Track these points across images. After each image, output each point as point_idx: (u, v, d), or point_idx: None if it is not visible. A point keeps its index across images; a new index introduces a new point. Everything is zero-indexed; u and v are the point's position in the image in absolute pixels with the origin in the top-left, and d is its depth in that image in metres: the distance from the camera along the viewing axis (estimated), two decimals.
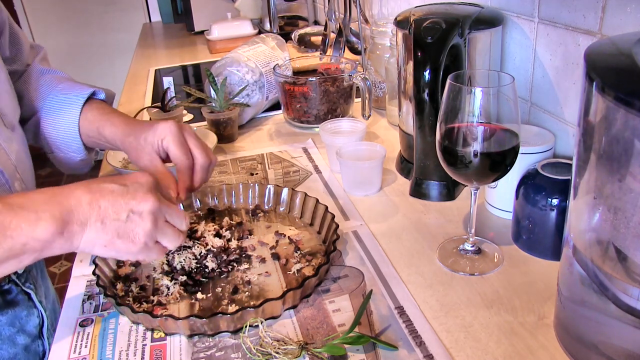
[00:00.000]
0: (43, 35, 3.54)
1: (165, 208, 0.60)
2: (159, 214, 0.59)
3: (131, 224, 0.57)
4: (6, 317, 0.76)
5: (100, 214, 0.56)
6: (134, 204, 0.57)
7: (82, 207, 0.56)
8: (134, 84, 1.65)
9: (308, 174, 0.96)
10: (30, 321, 0.80)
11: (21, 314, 0.78)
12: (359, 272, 0.69)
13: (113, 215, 0.56)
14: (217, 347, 0.59)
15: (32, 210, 0.54)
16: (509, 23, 0.87)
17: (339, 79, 1.11)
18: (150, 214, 0.58)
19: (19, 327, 0.78)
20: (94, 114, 0.84)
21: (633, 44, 0.45)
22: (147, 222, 0.58)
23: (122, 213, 0.57)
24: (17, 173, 0.75)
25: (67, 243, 0.55)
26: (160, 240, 0.60)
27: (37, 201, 0.55)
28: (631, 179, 0.41)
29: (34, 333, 0.80)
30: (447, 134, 0.63)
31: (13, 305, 0.77)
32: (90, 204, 0.56)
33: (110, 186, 0.58)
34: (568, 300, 0.53)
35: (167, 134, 0.73)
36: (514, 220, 0.72)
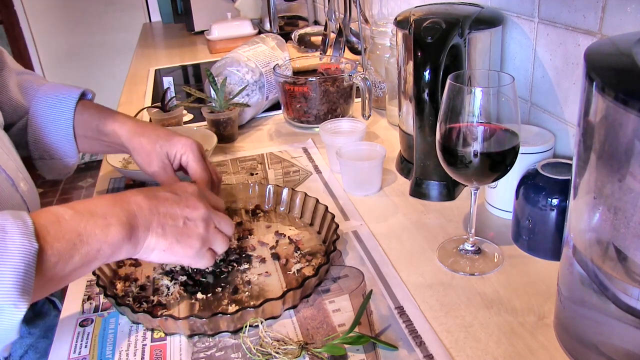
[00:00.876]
0: (43, 35, 3.54)
1: (214, 215, 0.63)
2: (210, 221, 0.62)
3: (187, 229, 0.59)
4: (38, 330, 0.76)
5: (160, 220, 0.58)
6: (188, 211, 0.60)
7: (144, 213, 0.57)
8: (134, 84, 1.65)
9: (308, 174, 0.96)
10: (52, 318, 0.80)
11: (52, 325, 0.78)
12: (359, 272, 0.69)
13: (171, 222, 0.59)
14: (217, 347, 0.59)
15: (101, 216, 0.54)
16: (509, 23, 0.87)
17: (339, 79, 1.11)
18: (202, 221, 0.61)
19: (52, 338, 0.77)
20: (91, 113, 0.82)
21: (633, 44, 0.45)
22: (201, 228, 0.60)
23: (179, 219, 0.59)
24: (19, 173, 0.75)
25: (132, 248, 0.57)
26: (211, 245, 0.63)
27: (103, 207, 0.56)
28: (631, 179, 0.41)
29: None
30: (447, 134, 0.63)
31: (42, 316, 0.77)
32: (151, 210, 0.58)
33: (164, 194, 0.60)
34: (568, 300, 0.53)
35: (188, 151, 0.75)
36: (514, 220, 0.72)
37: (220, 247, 0.64)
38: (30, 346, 0.74)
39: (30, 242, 0.48)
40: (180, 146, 0.76)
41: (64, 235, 0.51)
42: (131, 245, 0.56)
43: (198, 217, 0.60)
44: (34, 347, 0.74)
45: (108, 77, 3.66)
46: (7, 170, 0.71)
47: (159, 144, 0.76)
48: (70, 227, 0.52)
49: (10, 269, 0.46)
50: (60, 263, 0.51)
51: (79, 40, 3.61)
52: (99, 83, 3.69)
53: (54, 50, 3.57)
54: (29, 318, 0.74)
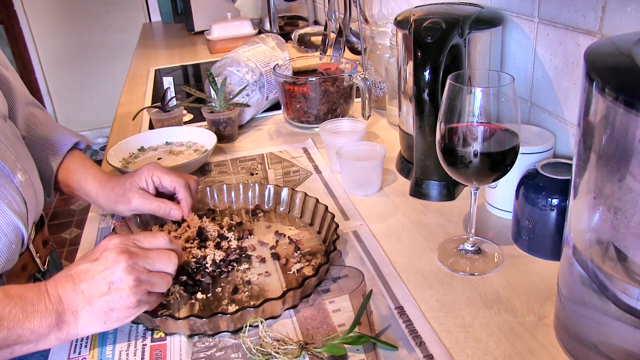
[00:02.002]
0: (43, 35, 3.54)
1: (141, 260, 0.60)
2: (138, 268, 0.59)
3: (117, 292, 0.57)
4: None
5: (85, 297, 0.57)
6: (109, 273, 0.58)
7: (67, 295, 0.57)
8: (134, 84, 1.65)
9: (308, 174, 0.96)
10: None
11: None
12: (359, 272, 0.69)
13: (96, 294, 0.57)
14: (217, 347, 0.59)
15: (30, 301, 0.55)
16: (509, 23, 0.87)
17: (339, 79, 1.11)
18: (128, 274, 0.58)
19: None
20: (76, 166, 0.87)
21: (633, 44, 0.45)
22: (129, 281, 0.58)
23: (103, 287, 0.57)
24: (18, 163, 0.76)
25: (63, 334, 0.56)
26: (149, 289, 0.60)
27: (33, 292, 0.56)
28: (631, 179, 0.41)
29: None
30: (447, 134, 0.63)
31: None
32: (74, 290, 0.57)
33: (83, 267, 0.59)
34: (568, 300, 0.53)
35: (154, 171, 0.80)
36: (514, 220, 0.72)
37: (161, 287, 0.61)
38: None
39: None
40: (145, 172, 0.80)
41: None
42: (61, 331, 0.56)
43: (122, 273, 0.57)
44: None
45: (108, 77, 3.66)
46: (4, 161, 0.72)
47: (128, 181, 0.80)
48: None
49: None
50: None
51: (79, 40, 3.61)
52: (99, 83, 3.69)
53: (54, 50, 3.57)
54: None
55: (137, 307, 0.59)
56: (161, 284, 0.61)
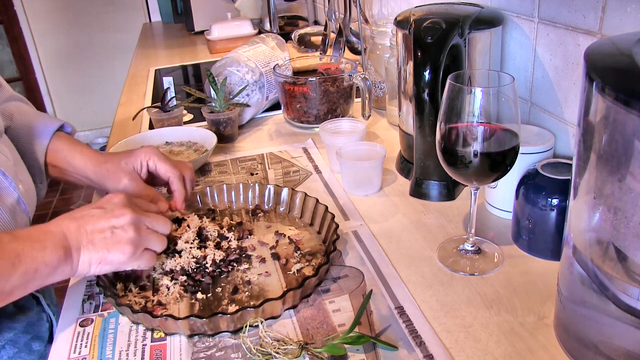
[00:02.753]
0: (43, 35, 3.54)
1: (143, 218, 0.65)
2: (139, 223, 0.65)
3: (116, 237, 0.62)
4: (20, 325, 0.76)
5: (89, 237, 0.62)
6: (114, 220, 0.63)
7: (72, 234, 0.62)
8: (134, 84, 1.65)
9: (308, 174, 0.96)
10: (42, 326, 0.80)
11: (33, 320, 0.78)
12: (359, 272, 0.69)
13: (99, 235, 0.62)
14: (217, 347, 0.59)
15: (37, 240, 0.59)
16: (509, 23, 0.87)
17: (339, 79, 1.11)
18: (130, 225, 0.63)
19: (33, 333, 0.78)
20: (62, 144, 0.86)
21: (633, 44, 0.45)
22: (130, 232, 0.63)
23: (107, 231, 0.63)
24: (18, 174, 0.75)
25: (67, 267, 0.61)
26: (147, 246, 0.65)
27: (37, 232, 0.60)
28: (631, 179, 0.41)
29: (45, 338, 0.80)
30: (447, 134, 0.63)
31: (24, 311, 0.77)
32: (79, 230, 0.62)
33: (90, 212, 0.64)
34: (568, 300, 0.53)
35: (152, 155, 0.80)
36: (514, 220, 0.72)
37: (157, 246, 0.66)
38: (8, 341, 0.74)
39: None
40: (142, 155, 0.80)
41: (3, 255, 0.56)
42: (67, 265, 0.60)
43: (125, 223, 0.63)
44: (13, 341, 0.74)
45: (108, 77, 3.66)
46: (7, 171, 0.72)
47: (123, 161, 0.81)
48: (9, 248, 0.57)
49: None
50: (1, 280, 0.56)
51: (79, 40, 3.61)
52: (99, 83, 3.70)
53: (54, 50, 3.58)
54: (10, 312, 0.75)
55: (131, 259, 0.63)
56: (157, 243, 0.66)
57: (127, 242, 0.63)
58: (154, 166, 0.80)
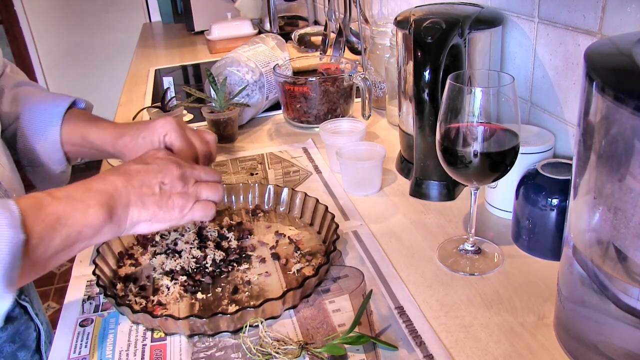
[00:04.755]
0: (43, 35, 3.53)
1: (189, 170, 0.64)
2: (186, 177, 0.63)
3: (165, 193, 0.61)
4: (6, 334, 0.75)
5: (137, 193, 0.59)
6: (161, 176, 0.61)
7: (119, 190, 0.59)
8: (134, 84, 1.65)
9: (308, 174, 0.96)
10: (29, 336, 0.79)
11: (20, 329, 0.77)
12: (359, 272, 0.69)
13: (148, 191, 0.60)
14: (217, 347, 0.59)
15: (79, 200, 0.56)
16: (509, 23, 0.87)
17: (339, 79, 1.11)
18: (179, 179, 0.62)
19: (20, 342, 0.77)
20: (77, 121, 0.82)
21: (633, 44, 0.45)
22: (178, 186, 0.62)
23: (155, 187, 0.61)
24: (13, 185, 0.74)
25: (115, 226, 0.58)
26: (199, 197, 0.63)
27: (79, 191, 0.57)
28: (631, 179, 0.41)
29: (32, 347, 0.79)
30: (447, 134, 0.63)
31: (11, 321, 0.76)
32: (125, 187, 0.59)
33: (135, 167, 0.62)
34: (568, 300, 0.53)
35: (169, 130, 0.75)
36: (514, 220, 0.72)
37: (212, 195, 0.64)
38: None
39: (17, 233, 0.49)
40: (160, 129, 0.75)
41: (44, 219, 0.52)
42: (113, 224, 0.58)
43: (173, 177, 0.62)
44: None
45: (108, 77, 3.66)
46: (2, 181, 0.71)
47: (141, 136, 0.76)
48: (49, 211, 0.53)
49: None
50: (41, 246, 0.52)
51: (79, 40, 3.60)
52: (99, 83, 3.69)
53: (54, 50, 3.57)
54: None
55: (182, 213, 0.62)
56: (211, 192, 0.64)
57: (178, 197, 0.61)
58: (170, 142, 0.75)
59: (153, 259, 0.72)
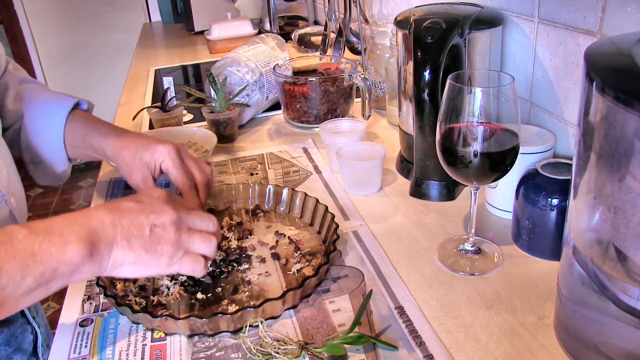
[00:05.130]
0: (43, 35, 3.54)
1: (185, 216, 0.59)
2: (181, 223, 0.58)
3: (155, 237, 0.56)
4: (2, 337, 0.74)
5: (124, 232, 0.55)
6: (154, 218, 0.57)
7: (105, 227, 0.55)
8: (134, 84, 1.65)
9: (308, 174, 0.96)
10: (25, 339, 0.78)
11: (16, 332, 0.76)
12: (359, 272, 0.69)
13: (137, 232, 0.56)
14: (217, 347, 0.59)
15: (58, 234, 0.52)
16: (509, 23, 0.87)
17: (339, 79, 1.11)
18: (172, 225, 0.57)
19: (16, 346, 0.76)
20: (80, 123, 0.83)
21: (633, 44, 0.45)
22: (170, 232, 0.57)
23: (145, 228, 0.56)
24: (11, 188, 0.74)
25: (96, 266, 0.54)
26: (190, 248, 0.59)
27: (61, 225, 0.53)
28: (631, 179, 0.41)
29: (28, 351, 0.78)
30: (447, 134, 0.63)
31: (7, 324, 0.75)
32: (113, 224, 0.55)
33: (127, 204, 0.58)
34: (568, 300, 0.53)
35: (165, 158, 0.74)
36: (514, 220, 0.72)
37: (203, 248, 0.60)
38: None
39: None
40: (158, 154, 0.75)
41: (16, 256, 0.49)
42: (94, 262, 0.53)
43: (166, 221, 0.57)
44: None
45: (108, 77, 3.66)
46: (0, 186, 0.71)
47: (139, 155, 0.75)
48: (23, 246, 0.50)
49: None
50: (11, 285, 0.49)
51: (79, 40, 3.61)
52: (99, 83, 3.69)
53: (54, 50, 3.57)
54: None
55: (170, 262, 0.57)
56: (202, 244, 0.60)
57: (167, 243, 0.57)
58: (166, 169, 0.75)
59: None
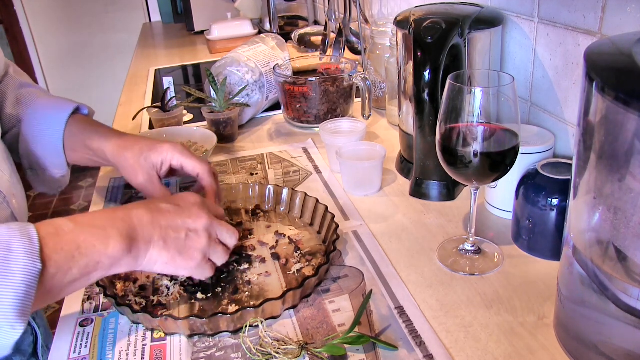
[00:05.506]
0: (43, 35, 3.54)
1: (217, 225, 0.63)
2: (212, 231, 0.62)
3: (190, 241, 0.59)
4: None
5: (162, 233, 0.58)
6: (190, 222, 0.60)
7: (144, 226, 0.57)
8: (134, 84, 1.65)
9: (308, 174, 0.96)
10: (25, 340, 0.78)
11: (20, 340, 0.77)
12: (359, 272, 0.69)
13: (173, 234, 0.59)
14: (217, 347, 0.59)
15: (101, 228, 0.55)
16: (509, 23, 0.87)
17: (339, 79, 1.11)
18: (205, 231, 0.61)
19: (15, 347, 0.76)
20: (80, 127, 0.82)
21: (633, 44, 0.45)
22: (204, 239, 0.60)
23: (182, 232, 0.59)
24: (12, 189, 0.74)
25: (133, 261, 0.57)
26: (210, 257, 0.62)
27: (103, 219, 0.56)
28: (631, 179, 0.41)
29: (28, 352, 0.78)
30: (447, 134, 0.63)
31: None
32: (152, 223, 0.58)
33: (166, 206, 0.60)
34: (568, 300, 0.53)
35: (174, 154, 0.75)
36: (514, 220, 0.72)
37: (220, 260, 0.64)
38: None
39: (34, 263, 0.48)
40: (165, 153, 0.75)
41: (63, 247, 0.51)
42: (131, 258, 0.56)
43: (201, 227, 0.60)
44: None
45: (108, 77, 3.66)
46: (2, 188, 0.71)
47: (143, 156, 0.76)
48: (69, 239, 0.52)
49: (11, 290, 0.46)
50: (59, 275, 0.51)
51: (79, 40, 3.61)
52: (99, 83, 3.69)
53: (54, 50, 3.58)
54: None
55: (197, 266, 0.61)
56: (221, 257, 0.63)
57: (199, 250, 0.60)
58: (179, 164, 0.75)
59: None
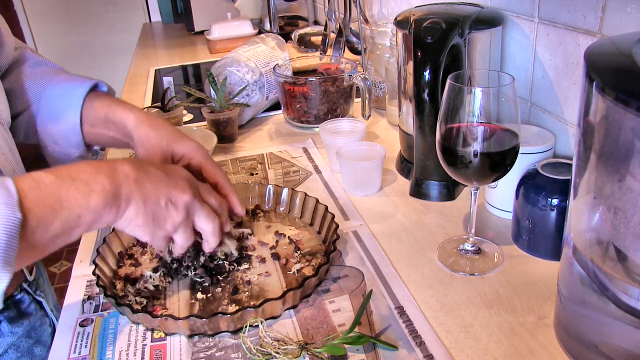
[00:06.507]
0: (43, 35, 3.54)
1: (198, 206, 0.61)
2: (192, 210, 0.60)
3: (166, 212, 0.58)
4: (22, 329, 0.75)
5: (144, 194, 0.56)
6: (174, 194, 0.58)
7: (129, 183, 0.56)
8: (134, 84, 1.65)
9: (308, 174, 0.96)
10: (44, 331, 0.78)
11: (35, 324, 0.77)
12: (359, 272, 0.69)
13: (154, 199, 0.57)
14: (217, 347, 0.59)
15: (84, 182, 0.53)
16: (509, 23, 0.87)
17: (339, 79, 1.11)
18: (184, 208, 0.59)
19: (35, 338, 0.76)
20: (102, 102, 0.79)
21: (633, 44, 0.45)
22: (181, 214, 0.59)
23: (162, 199, 0.57)
24: (15, 174, 0.74)
25: (111, 217, 0.55)
26: (175, 236, 0.61)
27: (86, 172, 0.54)
28: (631, 179, 0.41)
29: (47, 343, 0.78)
30: (447, 134, 0.63)
31: (27, 316, 0.76)
32: (137, 182, 0.56)
33: (154, 170, 0.59)
34: (568, 300, 0.53)
35: (198, 155, 0.73)
36: (514, 220, 0.72)
37: (180, 241, 0.61)
38: (11, 345, 0.73)
39: (14, 213, 0.47)
40: (190, 149, 0.73)
41: (44, 201, 0.50)
42: (112, 213, 0.55)
43: (181, 203, 0.59)
44: (15, 345, 0.73)
45: (108, 77, 3.65)
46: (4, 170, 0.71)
47: (168, 140, 0.73)
48: (50, 191, 0.51)
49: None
50: (40, 229, 0.49)
51: (79, 40, 3.61)
52: None
53: (54, 50, 3.57)
54: (12, 317, 0.73)
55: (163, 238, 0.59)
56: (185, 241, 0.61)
57: (171, 223, 0.58)
58: (198, 166, 0.72)
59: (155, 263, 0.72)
